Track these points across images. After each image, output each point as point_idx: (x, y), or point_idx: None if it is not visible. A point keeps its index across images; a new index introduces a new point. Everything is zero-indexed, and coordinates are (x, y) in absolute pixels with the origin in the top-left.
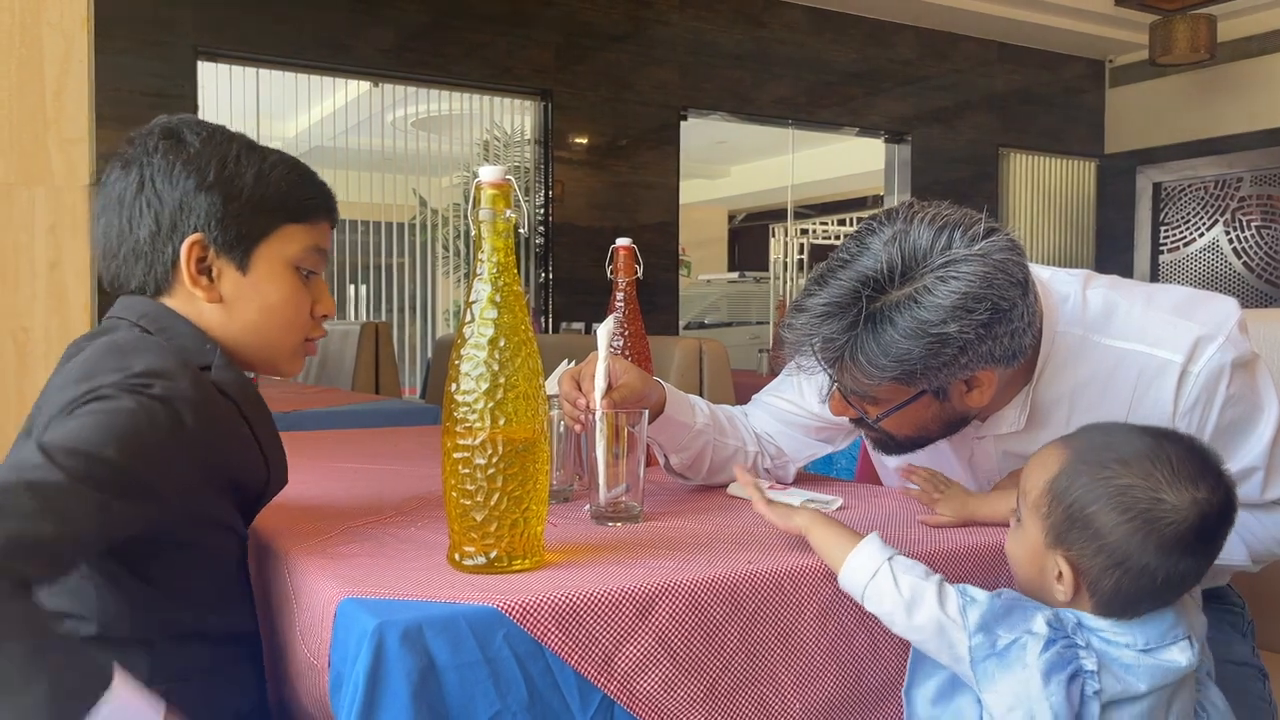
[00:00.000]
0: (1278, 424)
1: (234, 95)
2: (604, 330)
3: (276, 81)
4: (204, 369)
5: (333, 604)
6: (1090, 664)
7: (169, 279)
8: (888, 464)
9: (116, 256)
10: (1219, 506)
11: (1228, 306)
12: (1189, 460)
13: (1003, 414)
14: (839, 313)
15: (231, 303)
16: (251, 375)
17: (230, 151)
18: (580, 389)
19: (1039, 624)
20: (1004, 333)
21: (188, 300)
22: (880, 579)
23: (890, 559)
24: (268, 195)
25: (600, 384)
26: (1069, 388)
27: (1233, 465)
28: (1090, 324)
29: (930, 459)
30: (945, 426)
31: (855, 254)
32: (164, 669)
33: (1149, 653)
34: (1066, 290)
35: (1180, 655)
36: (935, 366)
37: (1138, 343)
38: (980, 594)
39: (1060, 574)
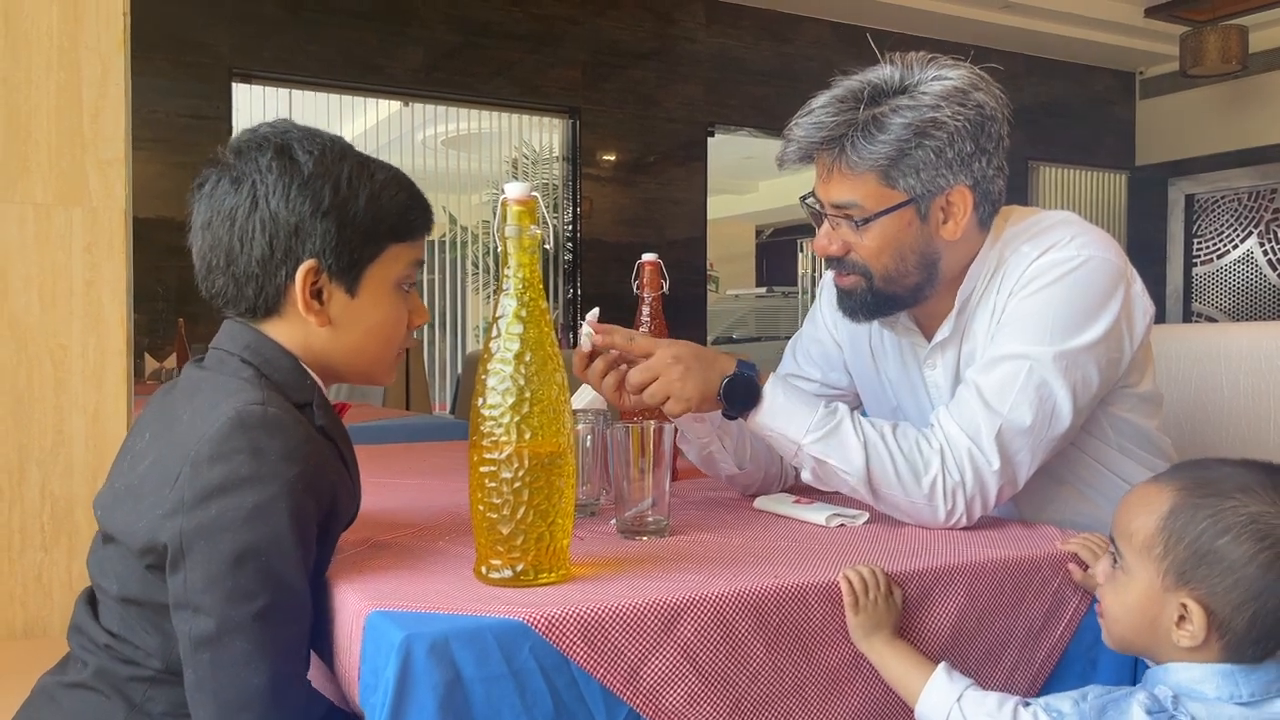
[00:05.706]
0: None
1: (267, 115)
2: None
3: (309, 101)
4: (303, 406)
5: (361, 617)
6: None
7: (279, 302)
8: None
9: (224, 273)
10: None
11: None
12: None
13: (944, 323)
14: (841, 106)
15: (338, 325)
16: None
17: (343, 172)
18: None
19: (1136, 714)
20: (987, 143)
21: (295, 323)
22: None
23: (959, 699)
24: (378, 219)
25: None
26: (994, 299)
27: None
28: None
29: (891, 410)
30: (921, 263)
31: (860, 74)
32: None
33: (1253, 705)
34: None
35: None
36: (922, 160)
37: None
38: (1065, 704)
39: (1182, 617)
